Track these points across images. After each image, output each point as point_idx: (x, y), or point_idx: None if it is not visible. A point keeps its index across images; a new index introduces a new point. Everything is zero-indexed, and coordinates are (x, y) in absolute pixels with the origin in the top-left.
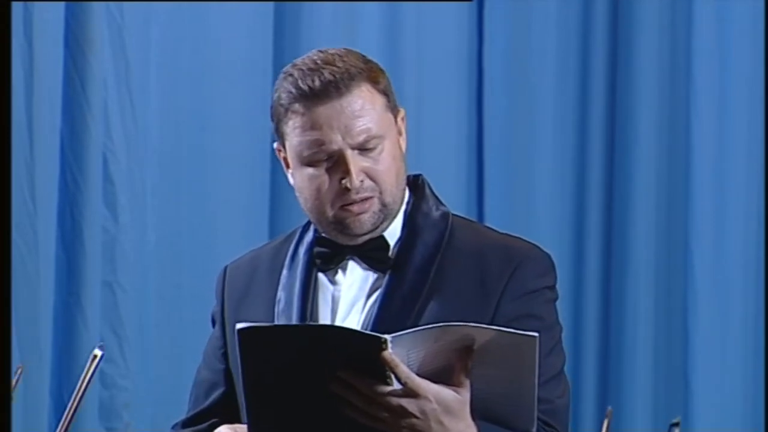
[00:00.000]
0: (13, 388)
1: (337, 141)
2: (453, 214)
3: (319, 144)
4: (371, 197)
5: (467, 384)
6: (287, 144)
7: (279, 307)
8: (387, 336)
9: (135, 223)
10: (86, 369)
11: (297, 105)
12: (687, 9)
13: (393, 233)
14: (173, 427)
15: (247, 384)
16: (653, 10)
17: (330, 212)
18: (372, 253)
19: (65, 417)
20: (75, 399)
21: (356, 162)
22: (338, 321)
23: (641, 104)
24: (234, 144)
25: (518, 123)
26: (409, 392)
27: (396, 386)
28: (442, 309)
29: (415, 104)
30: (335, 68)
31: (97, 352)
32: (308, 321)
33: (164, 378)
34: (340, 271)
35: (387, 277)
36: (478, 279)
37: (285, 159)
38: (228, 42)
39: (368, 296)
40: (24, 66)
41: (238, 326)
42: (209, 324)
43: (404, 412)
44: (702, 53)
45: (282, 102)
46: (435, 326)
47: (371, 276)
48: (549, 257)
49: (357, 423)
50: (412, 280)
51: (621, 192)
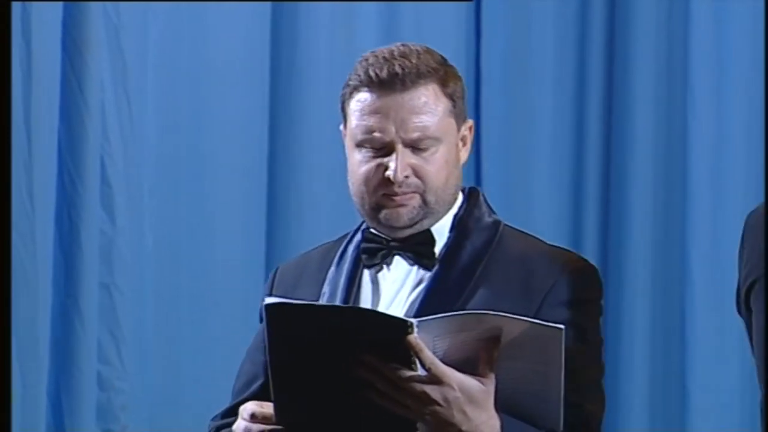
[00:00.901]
0: None
1: (390, 132)
2: (506, 224)
3: (373, 131)
4: (413, 193)
5: (492, 376)
6: (347, 125)
7: (323, 299)
8: (413, 320)
9: (132, 226)
10: None
11: (362, 89)
12: (684, 9)
13: (440, 232)
14: (213, 419)
15: (273, 361)
16: (650, 10)
17: (371, 198)
18: (418, 248)
19: None
20: None
21: (405, 157)
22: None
23: (638, 105)
24: (231, 146)
25: (516, 123)
26: (433, 379)
27: (420, 372)
28: (483, 308)
29: None
30: (407, 63)
31: None
32: None
33: (162, 380)
34: (386, 267)
35: (432, 273)
36: (523, 283)
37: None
38: (225, 44)
39: (411, 291)
40: (22, 67)
41: (266, 301)
42: (206, 326)
43: (427, 399)
44: (699, 53)
45: (350, 83)
46: (461, 313)
47: (415, 272)
48: (597, 271)
49: (381, 407)
50: (457, 279)
51: (618, 192)
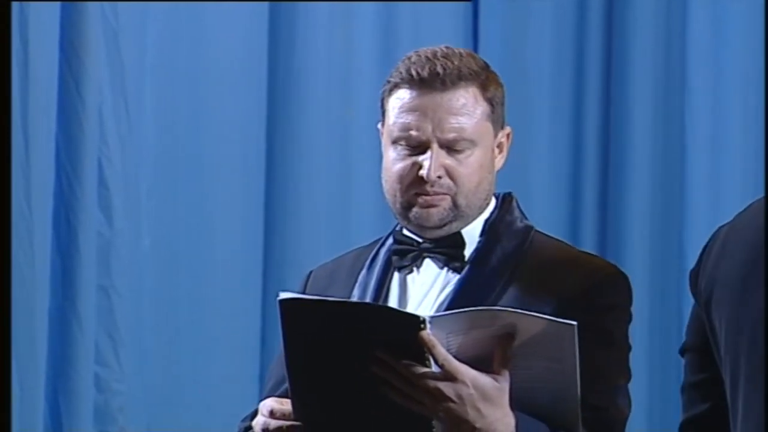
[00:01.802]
0: None
1: (427, 131)
2: (537, 230)
3: (410, 129)
4: (445, 194)
5: (506, 373)
6: (385, 122)
7: (354, 299)
8: (425, 315)
9: (130, 228)
10: None
11: (403, 86)
12: (682, 9)
13: (471, 236)
14: (243, 420)
15: (288, 357)
16: (648, 11)
17: (403, 196)
18: (448, 251)
19: None
20: None
21: (439, 157)
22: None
23: (636, 106)
24: (229, 148)
25: (513, 124)
26: (447, 375)
27: (434, 369)
28: (510, 306)
29: None
30: (449, 63)
31: None
32: None
33: (159, 382)
34: (415, 270)
35: (461, 276)
36: (552, 288)
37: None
38: (223, 46)
39: (439, 294)
40: (19, 69)
41: (280, 296)
42: (204, 328)
43: (441, 396)
44: (697, 53)
45: (391, 80)
46: (474, 309)
47: (444, 275)
48: (627, 278)
49: (395, 403)
50: (486, 282)
51: (616, 193)
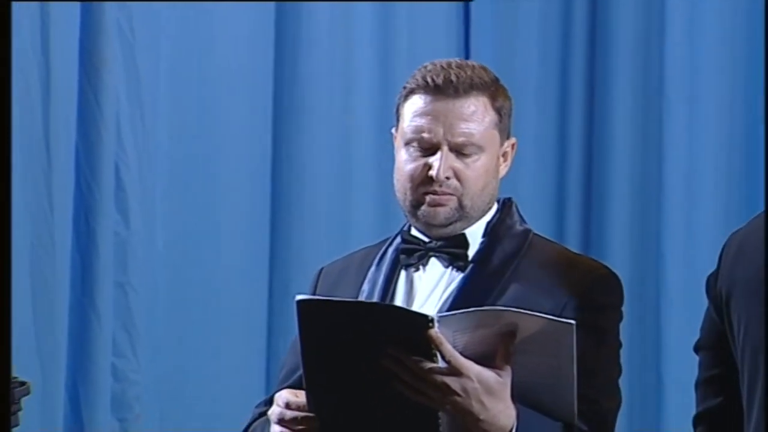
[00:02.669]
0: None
1: (438, 134)
2: (535, 233)
3: (422, 131)
4: (452, 195)
5: (508, 369)
6: (399, 125)
7: (362, 297)
8: (433, 315)
9: (145, 228)
10: None
11: (418, 92)
12: (660, 21)
13: (474, 237)
14: (257, 405)
15: (304, 353)
16: (628, 26)
17: (413, 195)
18: (453, 251)
19: None
20: None
21: (448, 160)
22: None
23: (617, 114)
24: (236, 153)
25: None
26: (453, 370)
27: (441, 364)
28: (511, 305)
29: None
30: (463, 73)
31: None
32: None
33: (173, 372)
34: (421, 268)
35: (464, 274)
36: (550, 287)
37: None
38: (230, 60)
39: (443, 291)
40: (41, 81)
41: (297, 297)
42: (213, 321)
43: (447, 390)
44: (674, 65)
45: (407, 85)
46: (479, 309)
47: (449, 273)
48: (619, 279)
49: (404, 397)
50: (487, 280)
51: (598, 197)
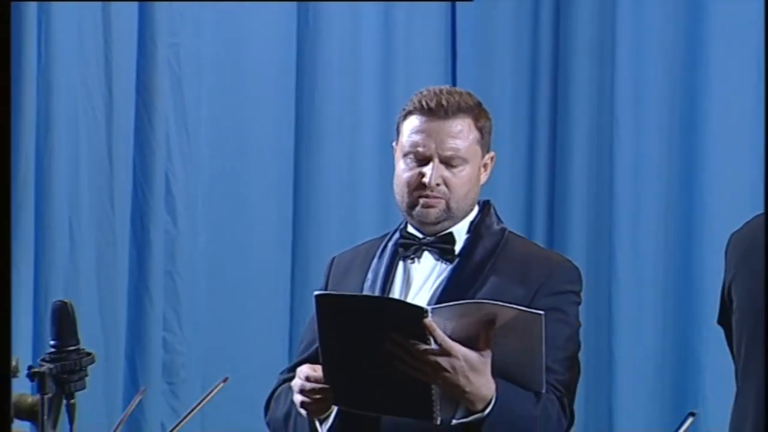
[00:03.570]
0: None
1: (431, 148)
2: (510, 231)
3: (418, 146)
4: (441, 198)
5: (489, 350)
6: (399, 139)
7: (367, 284)
8: (428, 307)
9: (189, 227)
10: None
11: (415, 113)
12: (611, 42)
13: (459, 234)
14: (281, 372)
15: (321, 338)
16: (585, 48)
17: (409, 198)
18: (442, 246)
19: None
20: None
21: (438, 170)
22: (410, 296)
23: (575, 130)
24: (264, 166)
25: None
26: (443, 352)
27: (434, 347)
28: (490, 294)
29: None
30: (452, 98)
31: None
32: (386, 295)
33: (212, 344)
34: (416, 260)
35: (451, 267)
36: (523, 276)
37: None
38: (260, 90)
39: (435, 280)
40: (106, 107)
41: (315, 293)
42: (244, 303)
43: (439, 367)
44: (623, 85)
45: (406, 107)
46: (464, 302)
47: (439, 265)
48: (578, 270)
49: (404, 373)
50: (471, 272)
51: (561, 198)
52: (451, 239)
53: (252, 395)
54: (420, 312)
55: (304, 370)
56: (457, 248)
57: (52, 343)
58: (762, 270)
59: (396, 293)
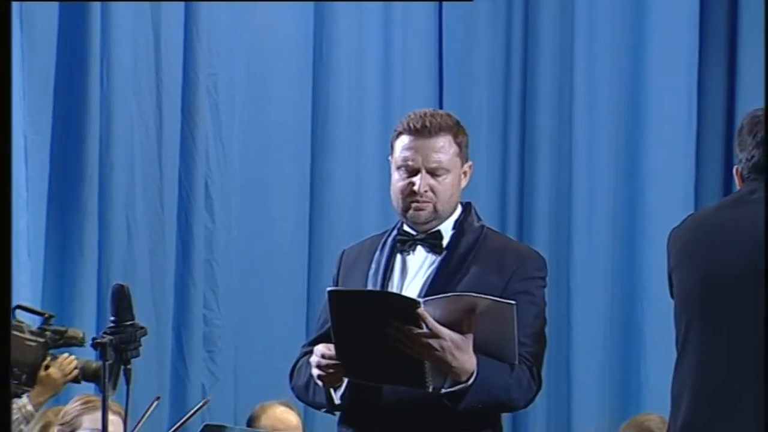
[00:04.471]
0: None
1: (418, 162)
2: (488, 227)
3: (408, 161)
4: (429, 202)
5: (470, 333)
6: (393, 155)
7: (371, 273)
8: (420, 299)
9: (224, 223)
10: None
11: (405, 133)
12: (570, 56)
13: (446, 231)
14: (303, 346)
15: (334, 325)
16: (548, 68)
17: (403, 203)
18: (432, 241)
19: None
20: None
21: (426, 179)
22: (406, 283)
23: (541, 143)
24: (286, 174)
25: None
26: (433, 334)
27: (425, 330)
28: (472, 281)
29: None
30: (434, 120)
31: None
32: (387, 283)
33: (243, 320)
34: (411, 253)
35: (440, 258)
36: (498, 266)
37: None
38: (282, 113)
39: (427, 270)
40: (156, 126)
41: (328, 289)
42: (269, 286)
43: (430, 347)
44: (580, 101)
45: (397, 128)
46: (449, 295)
47: (430, 256)
48: (544, 259)
49: (402, 352)
50: (456, 262)
51: (529, 199)
52: (439, 235)
53: (274, 362)
54: (415, 303)
55: (320, 349)
56: (445, 242)
57: (112, 319)
58: (695, 266)
59: (395, 280)
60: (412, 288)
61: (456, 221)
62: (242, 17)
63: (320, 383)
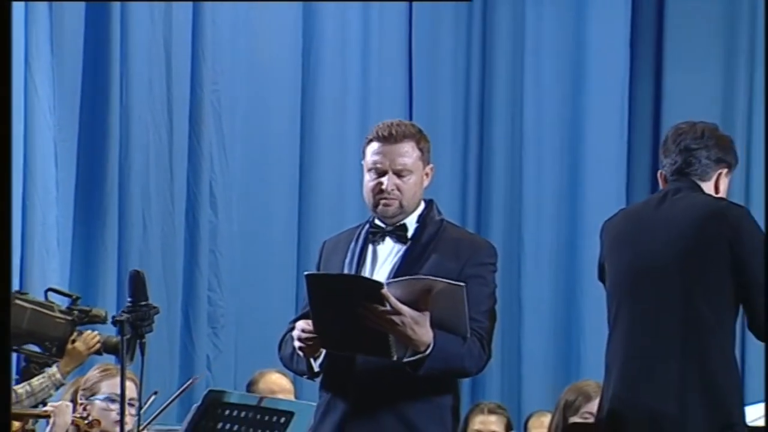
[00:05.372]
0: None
1: (386, 165)
2: (448, 221)
3: (377, 163)
4: (395, 199)
5: (427, 311)
6: (365, 159)
7: (347, 260)
8: (384, 281)
9: (227, 219)
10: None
11: (374, 140)
12: (521, 67)
13: (411, 224)
14: (291, 322)
15: (311, 304)
16: (502, 80)
17: (373, 199)
18: (399, 233)
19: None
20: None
21: (392, 179)
22: (376, 269)
23: (497, 145)
24: (279, 177)
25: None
26: (395, 312)
27: (388, 308)
28: (432, 266)
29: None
30: (399, 128)
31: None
32: (360, 269)
33: (242, 300)
34: (381, 243)
35: (405, 247)
36: (455, 253)
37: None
38: (278, 123)
39: (394, 258)
40: (167, 134)
41: (306, 273)
42: (264, 273)
43: (393, 322)
44: (530, 120)
45: (368, 136)
46: (410, 278)
47: (396, 246)
48: (495, 248)
49: (369, 327)
50: (419, 250)
51: (486, 195)
52: (405, 228)
53: (269, 336)
54: (379, 285)
55: (300, 325)
56: (409, 234)
57: (129, 300)
58: (625, 253)
59: (367, 266)
60: (382, 273)
61: (419, 215)
62: (242, 41)
63: (301, 354)
